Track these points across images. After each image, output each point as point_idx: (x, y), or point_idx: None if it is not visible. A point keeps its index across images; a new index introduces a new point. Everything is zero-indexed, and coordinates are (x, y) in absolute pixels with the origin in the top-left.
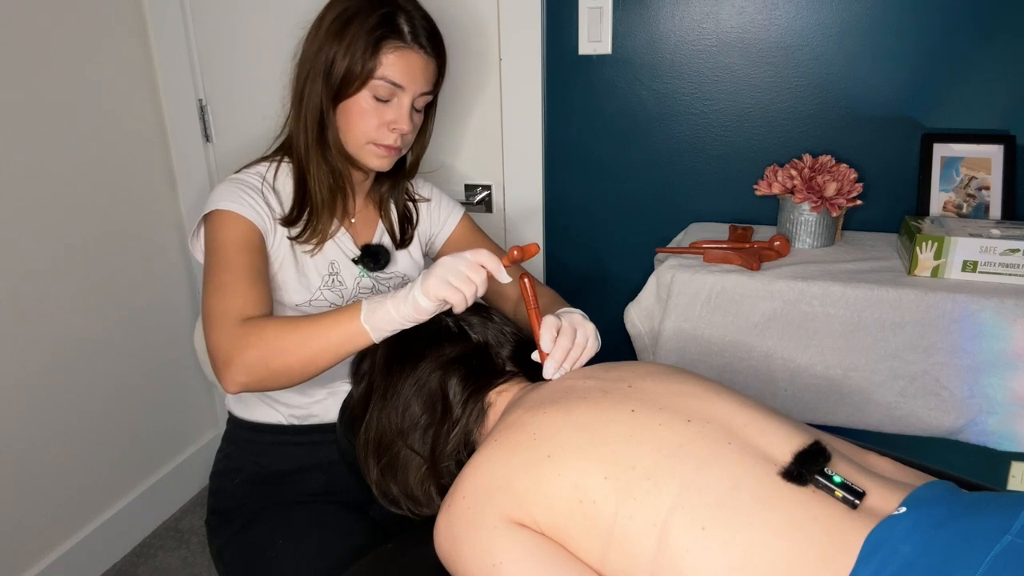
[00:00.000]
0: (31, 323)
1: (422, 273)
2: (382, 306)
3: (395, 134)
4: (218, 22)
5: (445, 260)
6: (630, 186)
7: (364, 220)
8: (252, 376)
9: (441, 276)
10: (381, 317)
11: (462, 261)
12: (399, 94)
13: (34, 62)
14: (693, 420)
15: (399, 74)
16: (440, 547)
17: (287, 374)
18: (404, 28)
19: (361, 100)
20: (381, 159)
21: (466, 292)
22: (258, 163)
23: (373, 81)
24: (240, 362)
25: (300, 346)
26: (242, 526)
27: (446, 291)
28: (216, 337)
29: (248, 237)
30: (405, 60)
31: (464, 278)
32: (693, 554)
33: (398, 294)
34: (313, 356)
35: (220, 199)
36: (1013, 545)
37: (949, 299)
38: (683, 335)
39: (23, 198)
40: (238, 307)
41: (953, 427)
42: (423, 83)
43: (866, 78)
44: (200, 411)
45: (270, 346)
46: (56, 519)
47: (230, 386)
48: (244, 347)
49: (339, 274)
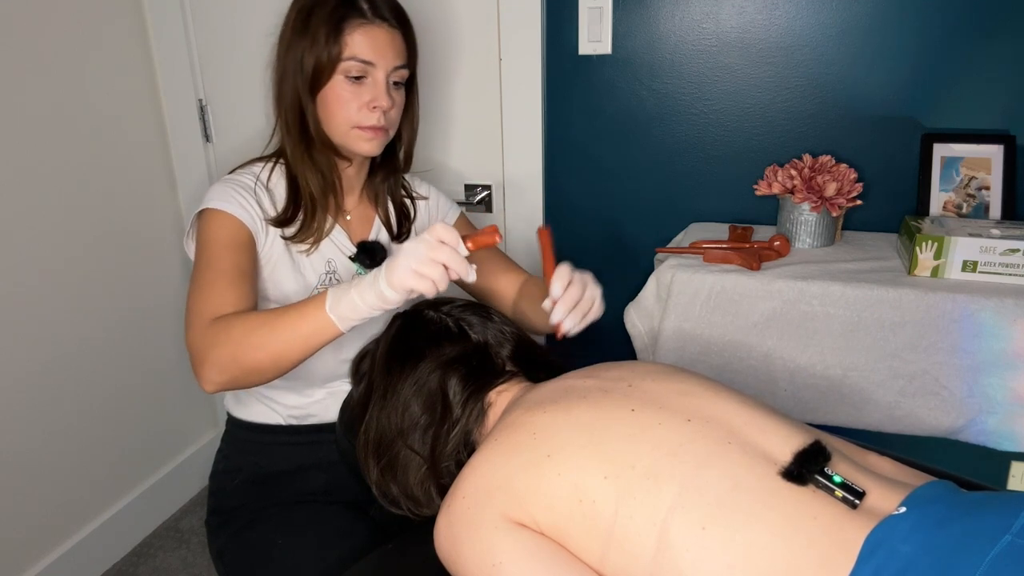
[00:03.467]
0: (31, 323)
1: (386, 261)
2: (346, 295)
3: (377, 112)
4: (218, 22)
5: (406, 246)
6: (630, 186)
7: (360, 217)
8: (225, 375)
9: (405, 265)
10: (346, 306)
11: (422, 243)
12: (371, 71)
13: (34, 62)
14: (693, 419)
15: (367, 50)
16: (440, 547)
17: (258, 370)
18: (363, 5)
19: (336, 86)
20: (369, 142)
21: (434, 276)
22: (253, 163)
23: (342, 64)
24: (211, 361)
25: (268, 341)
26: (242, 526)
27: (412, 280)
28: (190, 337)
29: (235, 236)
30: (370, 36)
31: (428, 261)
32: (693, 554)
33: (363, 281)
34: (282, 350)
35: (212, 198)
36: (1013, 545)
37: (949, 299)
38: (683, 335)
39: (23, 198)
40: (214, 306)
41: (953, 427)
42: (393, 56)
43: (866, 78)
44: (200, 411)
45: (238, 343)
46: (56, 519)
47: (206, 385)
48: (213, 345)
49: (336, 272)
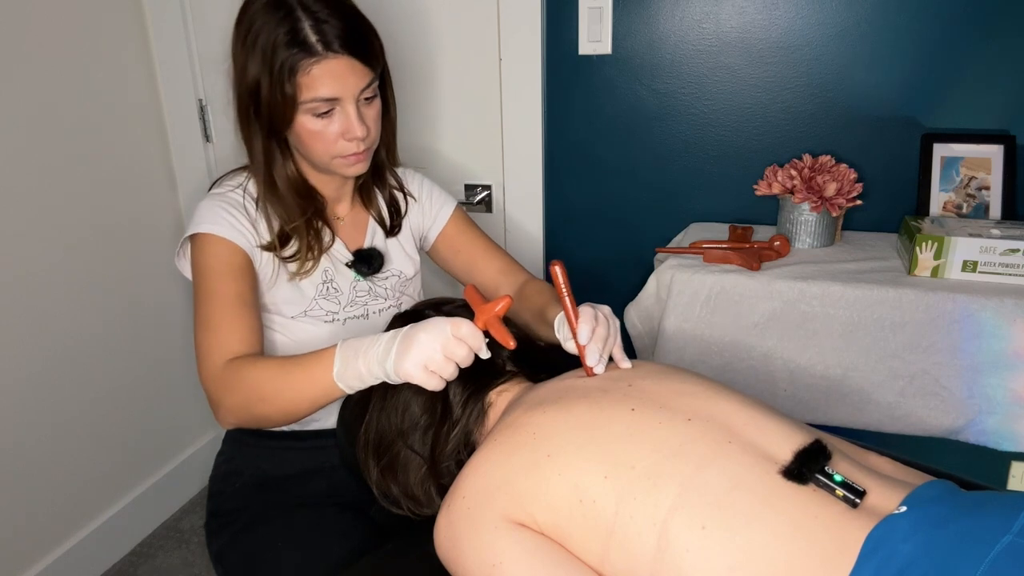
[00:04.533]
0: (31, 323)
1: (399, 342)
2: (353, 364)
3: (354, 142)
4: (218, 22)
5: (421, 338)
6: (630, 186)
7: (353, 222)
8: (238, 418)
9: (417, 358)
10: (351, 376)
11: (439, 339)
12: (337, 104)
13: (34, 62)
14: (693, 419)
15: (326, 88)
16: (440, 547)
17: (269, 420)
18: (311, 39)
19: (304, 123)
20: (353, 166)
21: (444, 373)
22: (238, 172)
23: (303, 106)
24: (225, 407)
25: (276, 396)
26: (242, 529)
27: (421, 376)
28: (205, 376)
29: (232, 262)
30: (326, 72)
31: (442, 361)
32: (693, 553)
33: (372, 351)
34: (289, 407)
35: (202, 220)
36: (1014, 545)
37: (949, 299)
38: (683, 335)
39: (23, 198)
40: (224, 345)
41: (953, 427)
42: (355, 83)
43: (866, 78)
44: (200, 411)
45: (248, 395)
46: (56, 519)
47: (223, 424)
48: (227, 392)
49: (333, 281)
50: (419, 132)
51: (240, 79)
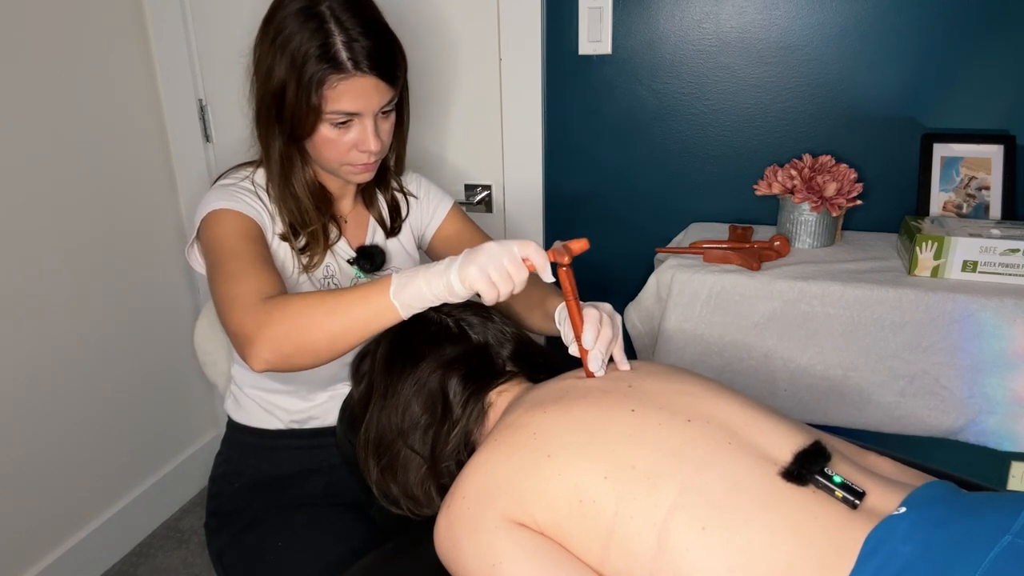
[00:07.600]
0: (31, 323)
1: (464, 253)
2: (413, 282)
3: (366, 153)
4: (218, 22)
5: (490, 247)
6: (630, 186)
7: (355, 220)
8: (277, 352)
9: (482, 266)
10: (412, 293)
11: (507, 254)
12: (356, 119)
13: (34, 62)
14: (693, 420)
15: (350, 103)
16: (440, 547)
17: (312, 351)
18: (343, 55)
19: (321, 130)
20: (360, 175)
21: (502, 289)
22: (243, 167)
23: (325, 115)
24: (264, 338)
25: (325, 321)
26: (242, 529)
27: (482, 283)
28: (239, 317)
29: (250, 230)
30: (352, 89)
31: (505, 274)
32: (693, 554)
33: (432, 269)
34: (339, 332)
35: (214, 200)
36: (1013, 545)
37: (949, 299)
38: (683, 335)
39: (23, 198)
40: (255, 288)
41: (953, 427)
42: (378, 101)
43: (866, 78)
44: (200, 412)
45: (294, 321)
46: (56, 519)
47: (256, 364)
48: (268, 322)
49: (334, 277)
50: (419, 132)
51: (265, 79)
